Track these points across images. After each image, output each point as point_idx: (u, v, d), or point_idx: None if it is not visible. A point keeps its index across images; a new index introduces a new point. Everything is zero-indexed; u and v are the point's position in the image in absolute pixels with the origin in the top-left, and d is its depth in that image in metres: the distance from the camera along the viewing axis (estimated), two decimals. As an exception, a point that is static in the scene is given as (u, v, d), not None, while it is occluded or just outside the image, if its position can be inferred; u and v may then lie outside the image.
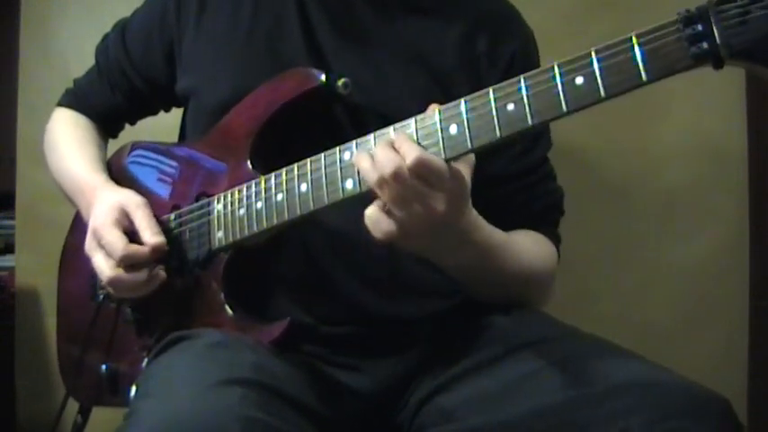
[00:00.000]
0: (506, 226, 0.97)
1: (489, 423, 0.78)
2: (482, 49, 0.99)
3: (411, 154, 0.72)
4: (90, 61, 1.19)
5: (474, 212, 0.83)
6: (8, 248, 2.03)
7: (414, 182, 0.73)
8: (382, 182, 0.73)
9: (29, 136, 1.71)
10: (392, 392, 0.93)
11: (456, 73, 0.98)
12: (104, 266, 0.94)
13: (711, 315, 1.61)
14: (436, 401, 0.87)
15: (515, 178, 0.99)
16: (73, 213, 1.17)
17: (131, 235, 0.95)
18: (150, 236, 0.93)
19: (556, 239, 1.02)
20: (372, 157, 0.75)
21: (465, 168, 0.77)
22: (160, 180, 1.05)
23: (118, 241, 0.92)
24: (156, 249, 0.93)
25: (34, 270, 1.70)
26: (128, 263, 0.92)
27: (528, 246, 0.96)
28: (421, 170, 0.72)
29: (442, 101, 0.95)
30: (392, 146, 0.75)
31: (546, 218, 1.02)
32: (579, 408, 0.72)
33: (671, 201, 1.62)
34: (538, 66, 1.03)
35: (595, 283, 1.60)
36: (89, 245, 0.97)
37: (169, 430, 0.66)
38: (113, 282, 0.94)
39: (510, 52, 1.00)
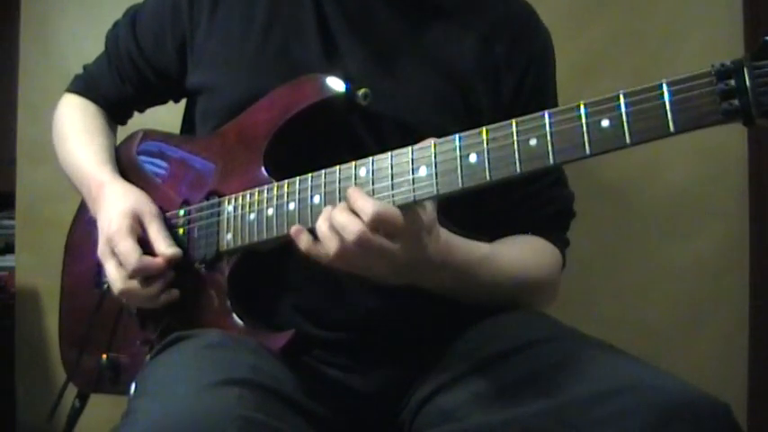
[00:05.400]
0: (513, 232, 0.98)
1: (489, 423, 0.78)
2: (500, 54, 0.98)
3: (367, 209, 0.74)
4: (90, 61, 1.19)
5: (443, 237, 0.84)
6: (8, 248, 2.04)
7: (372, 240, 0.74)
8: (346, 250, 0.75)
9: (29, 136, 1.71)
10: (393, 393, 0.93)
11: (475, 78, 0.97)
12: (116, 277, 0.94)
13: (711, 315, 1.61)
14: (437, 401, 0.87)
15: (525, 184, 0.98)
16: (73, 212, 1.17)
17: (143, 243, 0.95)
18: (165, 247, 0.94)
19: (562, 244, 1.03)
20: (331, 224, 0.76)
21: (427, 203, 0.78)
22: (170, 173, 1.05)
23: (132, 252, 0.92)
24: (170, 261, 0.93)
25: (34, 270, 1.70)
26: (141, 275, 0.92)
27: (521, 254, 0.97)
28: (379, 223, 0.73)
29: (461, 108, 0.96)
30: (349, 209, 0.76)
31: (554, 224, 1.03)
32: (578, 409, 0.72)
33: (671, 201, 1.62)
34: (553, 70, 1.05)
35: (595, 284, 1.59)
36: (102, 251, 0.96)
37: (165, 430, 0.66)
38: (125, 293, 0.94)
39: (527, 57, 0.99)
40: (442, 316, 0.95)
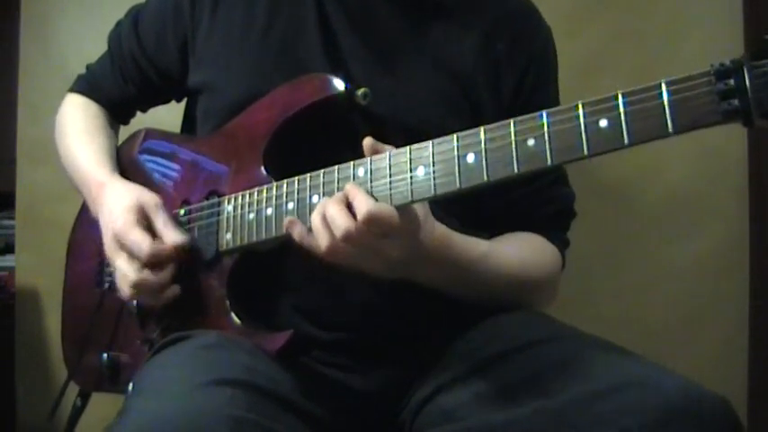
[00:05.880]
0: (512, 230, 0.98)
1: (490, 423, 0.78)
2: (501, 52, 0.98)
3: (362, 208, 0.73)
4: (90, 61, 1.19)
5: (438, 233, 0.84)
6: (8, 248, 2.04)
7: (365, 237, 0.74)
8: (335, 245, 0.75)
9: (29, 136, 1.71)
10: (393, 393, 0.93)
11: (476, 76, 0.97)
12: (129, 269, 0.93)
13: (711, 315, 1.61)
14: (437, 401, 0.87)
15: (524, 183, 0.97)
16: (73, 213, 1.17)
17: (150, 235, 0.94)
18: (173, 235, 0.93)
19: (562, 244, 1.02)
20: (324, 216, 0.76)
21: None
22: (171, 173, 1.05)
23: (143, 240, 0.92)
24: (179, 247, 0.93)
25: (34, 270, 1.71)
26: (154, 261, 0.92)
27: (521, 253, 0.96)
28: (373, 224, 0.73)
29: (463, 106, 0.96)
30: (344, 202, 0.76)
31: (554, 223, 1.02)
32: (579, 408, 0.72)
33: (671, 201, 1.62)
34: (555, 68, 1.05)
35: (595, 283, 1.60)
36: (110, 248, 0.96)
37: (157, 429, 0.66)
38: (139, 284, 0.93)
39: (527, 56, 0.99)
40: (443, 316, 0.95)
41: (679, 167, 1.61)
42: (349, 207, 0.76)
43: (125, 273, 0.93)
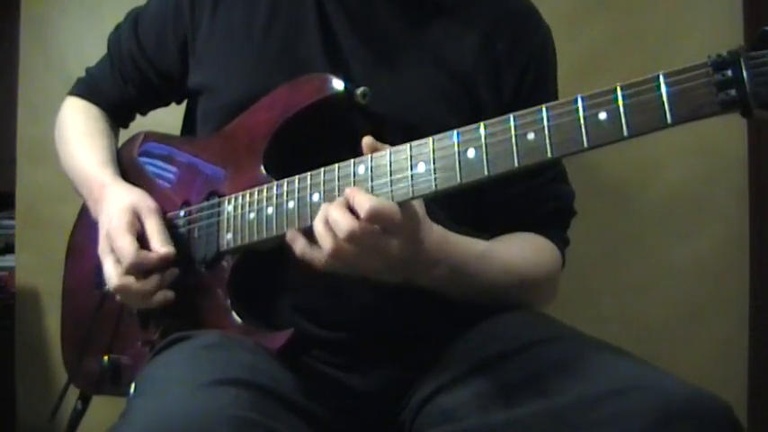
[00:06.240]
0: (512, 229, 0.98)
1: (490, 423, 0.78)
2: (501, 51, 0.98)
3: (364, 205, 0.74)
4: (90, 61, 1.19)
5: (438, 233, 0.84)
6: (8, 248, 2.04)
7: (368, 235, 0.74)
8: (340, 247, 0.76)
9: (29, 136, 1.71)
10: (393, 393, 0.93)
11: (476, 76, 0.97)
12: (113, 273, 0.94)
13: (711, 314, 1.61)
14: (437, 401, 0.86)
15: (524, 180, 0.97)
16: (73, 213, 1.17)
17: (143, 239, 0.95)
18: (160, 244, 0.93)
19: (562, 243, 1.02)
20: (327, 221, 0.76)
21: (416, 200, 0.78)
22: (171, 174, 1.05)
23: (129, 247, 0.92)
24: (163, 258, 0.93)
25: (34, 270, 1.71)
26: (137, 270, 0.92)
27: (520, 252, 0.96)
28: (375, 219, 0.74)
29: (464, 105, 0.96)
30: (346, 205, 0.76)
31: (554, 221, 1.02)
32: (579, 409, 0.72)
33: (671, 201, 1.62)
34: (554, 66, 1.05)
35: (595, 283, 1.60)
36: (102, 248, 0.96)
37: (160, 430, 0.66)
38: (120, 289, 0.94)
39: (527, 55, 1.00)
40: (443, 316, 0.95)
41: (679, 167, 1.61)
42: (351, 210, 0.76)
43: (109, 276, 0.94)
